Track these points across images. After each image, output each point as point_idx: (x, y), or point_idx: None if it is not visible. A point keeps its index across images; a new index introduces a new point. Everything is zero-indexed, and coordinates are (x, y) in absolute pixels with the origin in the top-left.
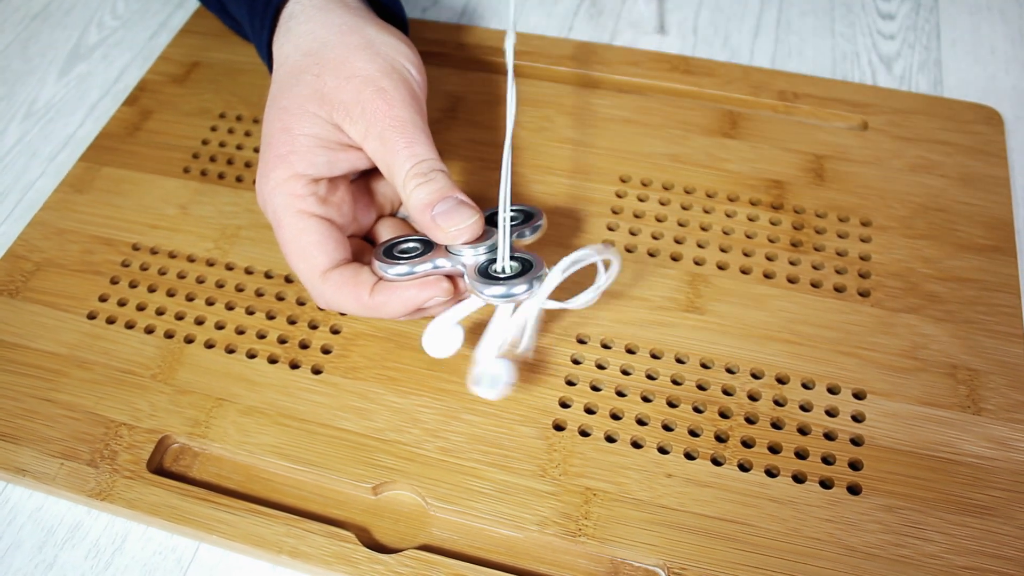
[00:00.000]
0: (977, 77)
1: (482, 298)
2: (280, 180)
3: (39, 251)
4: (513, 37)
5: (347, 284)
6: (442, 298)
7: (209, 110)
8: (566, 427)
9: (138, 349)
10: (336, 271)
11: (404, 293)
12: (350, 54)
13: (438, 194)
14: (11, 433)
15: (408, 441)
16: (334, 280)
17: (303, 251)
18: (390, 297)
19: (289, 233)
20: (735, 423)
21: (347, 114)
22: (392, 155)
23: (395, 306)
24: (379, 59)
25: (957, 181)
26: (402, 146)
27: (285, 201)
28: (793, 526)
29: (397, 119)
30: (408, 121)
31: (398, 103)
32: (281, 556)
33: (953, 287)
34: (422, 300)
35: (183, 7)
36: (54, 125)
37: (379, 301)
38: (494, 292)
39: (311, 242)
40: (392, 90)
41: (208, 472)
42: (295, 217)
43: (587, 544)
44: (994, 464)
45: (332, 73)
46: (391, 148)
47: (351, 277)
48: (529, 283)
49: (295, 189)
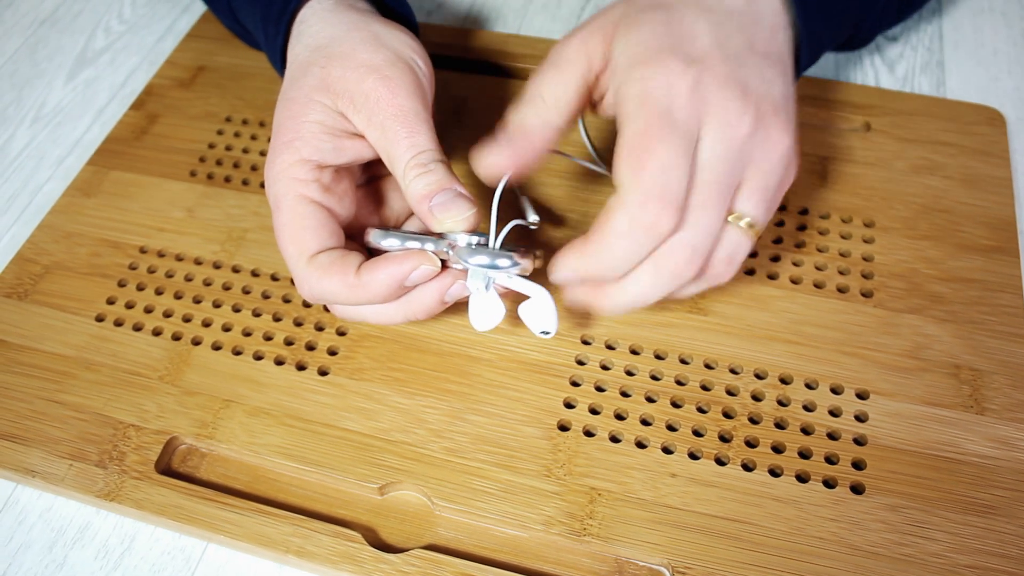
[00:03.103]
0: (980, 78)
1: (466, 265)
2: (285, 165)
3: (47, 254)
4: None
5: (334, 265)
6: (428, 267)
7: (215, 114)
8: (571, 427)
9: (146, 351)
10: (323, 254)
11: (388, 266)
12: (356, 46)
13: (436, 185)
14: (20, 434)
15: (414, 441)
16: (320, 262)
17: (295, 234)
18: (375, 274)
19: (286, 216)
20: (739, 423)
21: (351, 102)
22: (393, 144)
23: (381, 281)
24: (385, 50)
25: (960, 182)
26: (403, 135)
27: (288, 185)
28: (797, 525)
29: (399, 108)
30: (410, 111)
31: (402, 92)
32: (288, 556)
33: (956, 287)
34: (406, 271)
35: (189, 11)
36: (62, 129)
37: (365, 279)
38: (479, 260)
39: (305, 226)
40: (396, 79)
41: (215, 473)
42: (295, 200)
43: (592, 543)
44: (997, 463)
45: (338, 64)
46: (392, 137)
47: (338, 259)
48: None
49: (299, 174)
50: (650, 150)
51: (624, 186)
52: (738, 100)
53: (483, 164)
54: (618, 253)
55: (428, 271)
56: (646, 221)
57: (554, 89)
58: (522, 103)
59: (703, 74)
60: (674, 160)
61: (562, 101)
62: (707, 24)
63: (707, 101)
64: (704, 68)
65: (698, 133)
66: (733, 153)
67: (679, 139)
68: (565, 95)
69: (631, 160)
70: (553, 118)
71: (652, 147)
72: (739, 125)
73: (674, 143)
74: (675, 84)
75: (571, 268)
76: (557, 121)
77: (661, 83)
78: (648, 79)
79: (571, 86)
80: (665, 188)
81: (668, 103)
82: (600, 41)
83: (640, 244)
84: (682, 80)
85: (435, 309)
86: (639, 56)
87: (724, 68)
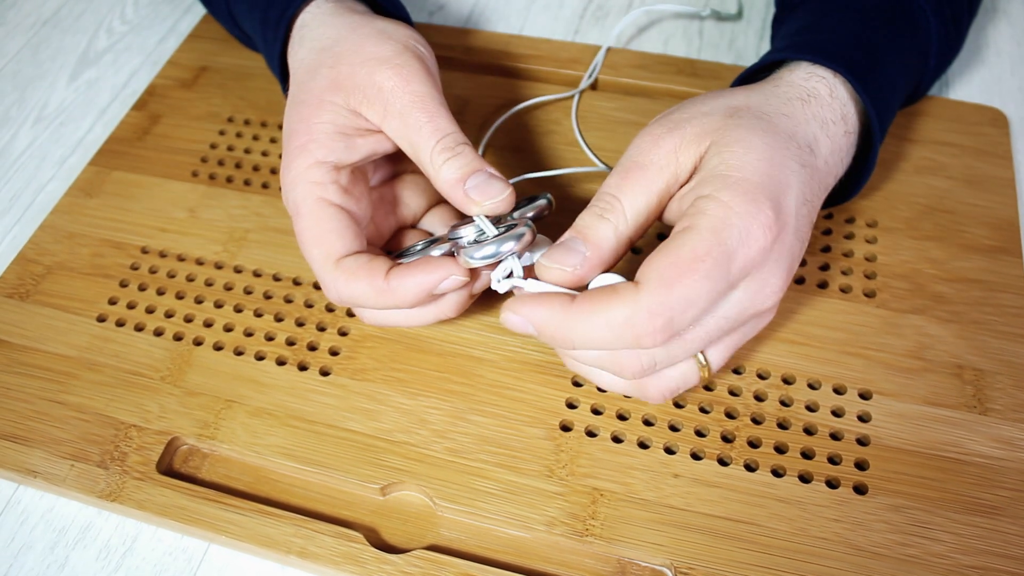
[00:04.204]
0: (983, 79)
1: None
2: (301, 169)
3: (50, 254)
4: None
5: (361, 269)
6: (458, 277)
7: (217, 114)
8: (573, 428)
9: (147, 351)
10: (351, 257)
11: (418, 275)
12: (362, 42)
13: (468, 168)
14: (22, 435)
15: (416, 442)
16: (348, 265)
17: (320, 237)
18: (404, 280)
19: (308, 221)
20: (741, 423)
21: (364, 97)
22: (415, 131)
23: (410, 288)
24: (391, 41)
25: (963, 182)
26: (424, 120)
27: (306, 189)
28: (800, 526)
29: (416, 94)
30: (427, 95)
31: (415, 79)
32: (290, 556)
33: (959, 288)
34: (436, 281)
35: (191, 12)
36: (64, 129)
37: (394, 284)
38: (486, 252)
39: (329, 229)
40: (407, 66)
41: (217, 473)
42: (315, 204)
43: (594, 544)
44: (1001, 464)
45: (346, 62)
46: (413, 124)
47: (366, 263)
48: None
49: (316, 176)
50: (694, 277)
51: (645, 287)
52: (781, 281)
53: (550, 275)
54: (594, 335)
55: (458, 281)
56: (640, 330)
57: (636, 201)
58: (600, 208)
59: (777, 240)
60: (704, 301)
61: (643, 215)
62: (799, 178)
63: (761, 267)
64: (782, 234)
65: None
66: (742, 318)
67: (722, 286)
68: (647, 207)
69: (671, 272)
70: (631, 233)
71: (697, 276)
72: (765, 302)
73: (715, 288)
74: (754, 234)
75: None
76: (633, 235)
77: (745, 224)
78: (734, 211)
79: (654, 196)
80: (679, 317)
81: (736, 248)
82: (695, 152)
83: (617, 341)
84: (763, 235)
85: (465, 305)
86: (734, 182)
87: (790, 240)
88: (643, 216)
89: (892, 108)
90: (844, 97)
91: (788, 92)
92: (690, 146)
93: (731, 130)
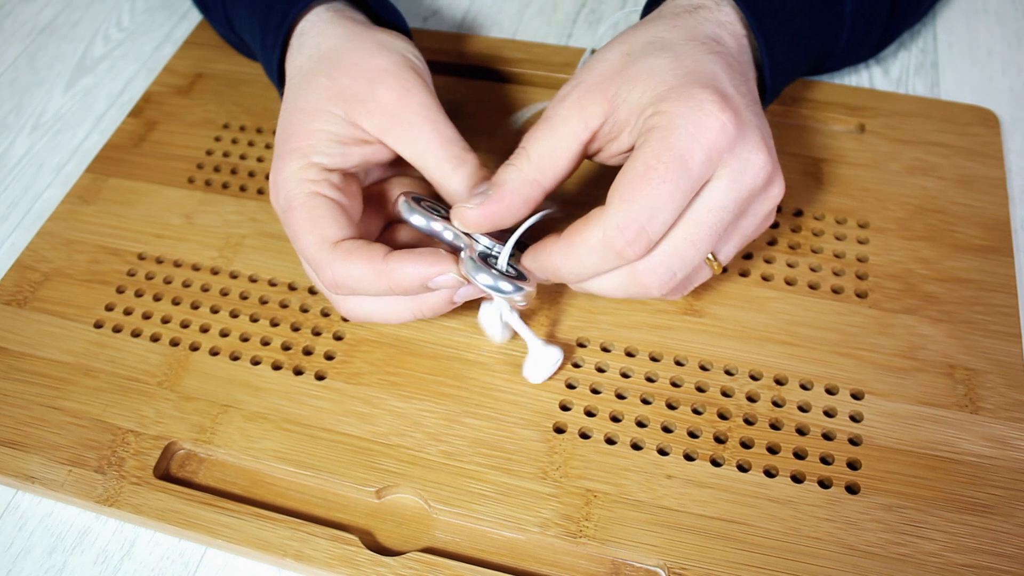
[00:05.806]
0: (974, 79)
1: (471, 279)
2: (294, 169)
3: (47, 261)
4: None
5: (360, 249)
6: (453, 276)
7: (213, 121)
8: (566, 430)
9: (144, 357)
10: (348, 240)
11: (417, 264)
12: (362, 54)
13: (477, 177)
14: (19, 441)
15: (411, 445)
16: (345, 247)
17: (314, 223)
18: (403, 265)
19: (301, 211)
20: (734, 424)
21: (364, 108)
22: (419, 140)
23: (407, 274)
24: (391, 54)
25: (954, 183)
26: (428, 129)
27: (299, 185)
28: (792, 526)
29: (418, 104)
30: (429, 105)
31: (415, 90)
32: (286, 560)
33: (950, 288)
34: (432, 274)
35: (187, 19)
36: (61, 137)
37: (392, 266)
38: (484, 280)
39: (323, 215)
40: (408, 79)
41: (213, 477)
42: (308, 197)
43: (588, 545)
44: (992, 463)
45: (345, 72)
46: (416, 134)
47: (363, 245)
48: (515, 288)
49: (309, 175)
50: (650, 185)
51: (611, 206)
52: (762, 154)
53: (460, 219)
54: (583, 263)
55: (452, 280)
56: (616, 245)
57: (540, 146)
58: (509, 159)
59: (735, 120)
60: (671, 203)
61: (546, 159)
62: (720, 66)
63: (733, 149)
64: (737, 113)
65: (712, 175)
66: (741, 203)
67: (684, 184)
68: (552, 153)
69: (628, 188)
70: (537, 176)
71: (653, 183)
72: (756, 180)
73: (678, 188)
74: (706, 123)
75: (539, 263)
76: (541, 180)
77: (692, 120)
78: (676, 115)
79: (562, 144)
80: (646, 225)
81: (690, 144)
82: (598, 99)
83: (605, 262)
84: (716, 119)
85: (444, 309)
86: (662, 93)
87: (748, 115)
88: (547, 159)
89: (787, 46)
90: (731, 14)
91: (672, 9)
92: (591, 94)
93: (632, 63)
